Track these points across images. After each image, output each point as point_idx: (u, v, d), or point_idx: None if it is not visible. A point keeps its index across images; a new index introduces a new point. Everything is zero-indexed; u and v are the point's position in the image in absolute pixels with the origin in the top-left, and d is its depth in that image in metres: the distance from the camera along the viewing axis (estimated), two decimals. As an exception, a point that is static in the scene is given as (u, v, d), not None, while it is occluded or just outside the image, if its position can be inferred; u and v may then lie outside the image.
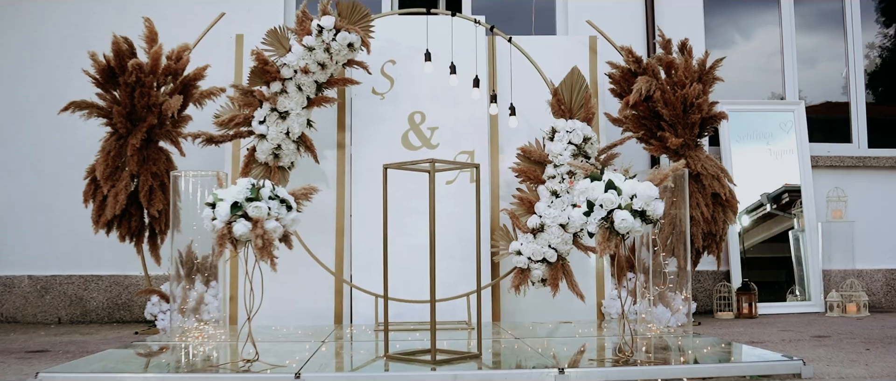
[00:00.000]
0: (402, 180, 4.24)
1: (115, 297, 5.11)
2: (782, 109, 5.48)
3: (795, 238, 5.38)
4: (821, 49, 5.83)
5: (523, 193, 4.21)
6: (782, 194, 5.38)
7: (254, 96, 4.11)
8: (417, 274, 4.27)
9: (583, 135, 4.11)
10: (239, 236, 2.77)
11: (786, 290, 5.31)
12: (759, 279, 5.17)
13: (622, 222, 2.75)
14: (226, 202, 2.79)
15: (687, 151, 4.47)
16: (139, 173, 4.28)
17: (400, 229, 4.37)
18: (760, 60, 5.79)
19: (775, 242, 5.38)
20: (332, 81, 4.24)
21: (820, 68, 5.86)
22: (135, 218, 4.34)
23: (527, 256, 4.05)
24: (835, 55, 5.85)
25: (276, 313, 4.37)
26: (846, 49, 5.81)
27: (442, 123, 4.57)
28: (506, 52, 4.60)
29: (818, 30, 5.83)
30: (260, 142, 4.12)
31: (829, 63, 5.87)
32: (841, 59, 5.84)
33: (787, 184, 5.37)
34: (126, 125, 4.27)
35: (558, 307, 4.37)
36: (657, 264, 3.42)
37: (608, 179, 2.81)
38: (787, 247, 5.36)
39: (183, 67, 4.31)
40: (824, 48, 5.85)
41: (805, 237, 5.32)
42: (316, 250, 4.37)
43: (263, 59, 4.05)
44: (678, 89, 4.44)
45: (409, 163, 3.08)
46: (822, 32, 5.85)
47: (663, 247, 3.51)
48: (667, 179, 2.89)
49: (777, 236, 5.38)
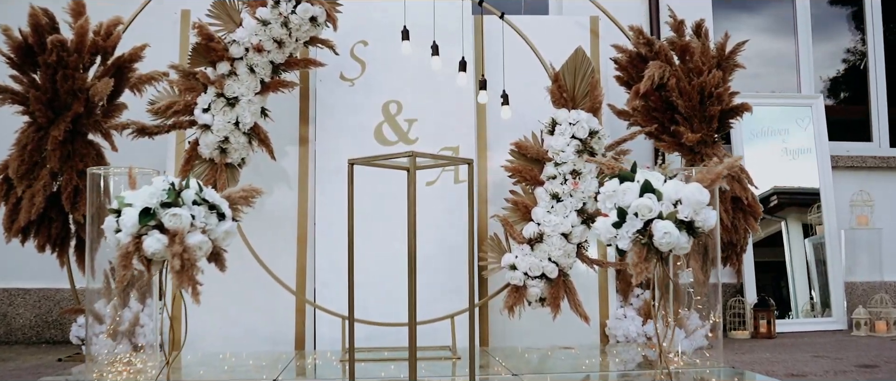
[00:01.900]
0: (374, 180, 3.46)
1: (45, 314, 4.27)
2: (799, 103, 4.75)
3: (814, 246, 4.65)
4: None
5: (518, 196, 3.44)
6: (770, 197, 4.64)
7: (197, 79, 3.31)
8: (392, 291, 3.50)
9: (589, 128, 3.35)
10: (151, 254, 1.97)
11: (786, 300, 4.56)
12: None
13: (665, 237, 1.98)
14: (134, 209, 1.98)
15: (704, 149, 3.73)
16: (62, 171, 3.47)
17: (371, 237, 3.59)
18: (769, 52, 5.06)
19: (763, 247, 4.62)
20: (292, 62, 3.44)
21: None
22: (56, 224, 3.52)
23: (523, 271, 3.28)
24: (819, 59, 5.15)
25: (227, 337, 3.59)
26: (867, 47, 5.13)
27: (421, 114, 3.79)
28: (496, 32, 3.82)
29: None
30: (203, 134, 3.31)
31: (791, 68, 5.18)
32: (824, 63, 5.13)
33: (775, 186, 4.63)
34: (46, 114, 3.45)
35: (555, 328, 3.59)
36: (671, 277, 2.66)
37: (644, 179, 2.04)
38: (778, 252, 4.61)
39: (113, 44, 3.50)
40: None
41: (826, 245, 4.59)
42: (274, 262, 3.58)
43: (208, 34, 3.24)
44: (694, 77, 3.69)
45: (382, 157, 2.29)
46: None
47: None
48: (719, 180, 2.12)
49: (765, 240, 4.63)
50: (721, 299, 2.98)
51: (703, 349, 3.04)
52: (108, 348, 2.88)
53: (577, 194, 3.33)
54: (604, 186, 2.12)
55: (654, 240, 1.99)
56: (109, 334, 2.93)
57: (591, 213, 3.36)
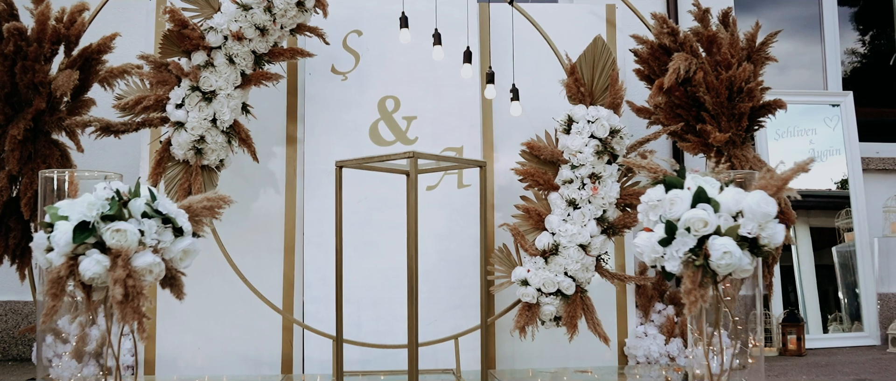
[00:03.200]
0: (369, 184, 3.04)
1: (12, 328, 3.84)
2: (826, 100, 4.34)
3: (841, 254, 4.23)
4: (792, 55, 4.74)
5: (529, 202, 3.02)
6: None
7: (169, 71, 2.88)
8: (389, 307, 3.09)
9: (609, 126, 2.93)
10: (89, 279, 1.55)
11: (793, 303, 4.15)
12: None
13: (724, 257, 1.57)
14: (69, 223, 1.56)
15: (731, 150, 3.32)
16: (22, 174, 3.05)
17: (365, 248, 3.17)
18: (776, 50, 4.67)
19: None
20: (276, 52, 3.02)
21: (792, 74, 4.76)
22: (14, 232, 3.09)
23: (536, 287, 2.86)
24: (808, 62, 4.76)
25: (211, 357, 3.18)
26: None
27: (421, 111, 3.36)
28: (504, 20, 3.39)
29: (793, 36, 4.74)
30: (176, 132, 2.89)
31: (801, 70, 4.77)
32: (814, 66, 4.74)
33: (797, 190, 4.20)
34: (4, 110, 3.03)
35: (567, 348, 3.17)
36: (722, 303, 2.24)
37: (697, 186, 1.62)
38: (785, 256, 4.19)
39: (77, 32, 3.07)
40: (797, 55, 4.76)
41: (856, 254, 4.18)
42: (259, 273, 3.16)
43: (181, 19, 2.82)
44: (723, 71, 3.28)
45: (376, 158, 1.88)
46: (796, 38, 4.75)
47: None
48: (786, 187, 1.70)
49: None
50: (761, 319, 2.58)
51: (733, 370, 2.63)
52: (70, 370, 2.50)
53: (596, 201, 2.91)
54: (646, 194, 1.71)
55: (710, 261, 1.58)
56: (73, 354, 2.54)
57: (612, 222, 2.94)
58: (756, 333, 2.51)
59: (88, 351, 2.52)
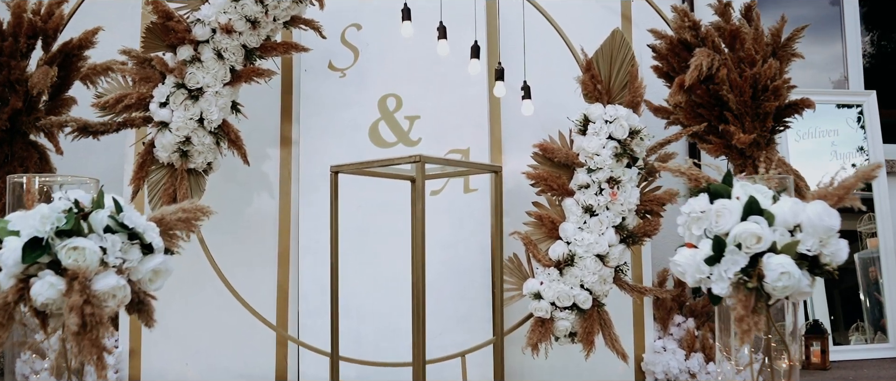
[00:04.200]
0: (368, 188, 2.80)
1: (-8, 340, 3.60)
2: (847, 100, 4.10)
3: (863, 261, 3.99)
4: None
5: (542, 208, 2.78)
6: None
7: (152, 67, 2.64)
8: (389, 321, 2.85)
9: (628, 126, 2.69)
10: (42, 304, 1.31)
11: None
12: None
13: (781, 279, 1.33)
14: (19, 239, 1.32)
15: (755, 152, 3.08)
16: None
17: (365, 257, 2.93)
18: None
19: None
20: (269, 46, 2.77)
21: (804, 74, 4.52)
22: (-12, 241, 2.85)
23: (549, 300, 2.62)
24: (820, 62, 4.53)
25: (200, 372, 2.96)
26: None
27: (424, 110, 3.12)
28: (514, 14, 3.14)
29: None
30: (160, 133, 2.65)
31: (812, 71, 4.53)
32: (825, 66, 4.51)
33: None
34: (-23, 110, 2.80)
35: (581, 363, 2.91)
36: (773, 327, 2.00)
37: (748, 195, 1.37)
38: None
39: (54, 26, 2.84)
40: (809, 55, 4.53)
41: (880, 261, 3.94)
42: (251, 283, 2.93)
43: (165, 11, 2.58)
44: (747, 68, 3.04)
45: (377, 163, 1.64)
46: (806, 38, 4.52)
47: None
48: (848, 197, 1.46)
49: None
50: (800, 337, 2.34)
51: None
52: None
53: (614, 207, 2.67)
54: (688, 204, 1.47)
55: (765, 283, 1.34)
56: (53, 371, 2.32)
57: (631, 230, 2.70)
58: (791, 350, 2.27)
59: (70, 369, 2.31)
